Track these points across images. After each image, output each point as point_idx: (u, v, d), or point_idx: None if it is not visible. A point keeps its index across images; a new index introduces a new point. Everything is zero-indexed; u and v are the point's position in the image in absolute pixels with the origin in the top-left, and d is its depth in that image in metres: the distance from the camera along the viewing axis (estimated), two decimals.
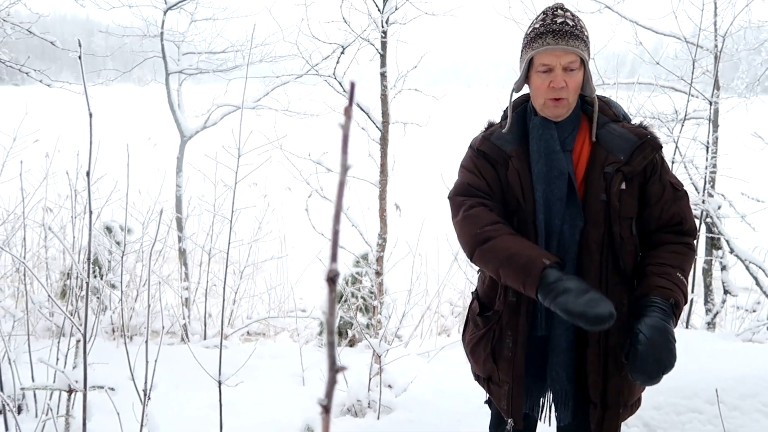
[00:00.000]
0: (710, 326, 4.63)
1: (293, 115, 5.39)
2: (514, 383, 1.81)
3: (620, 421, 1.78)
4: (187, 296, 5.14)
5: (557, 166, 1.71)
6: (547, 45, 1.66)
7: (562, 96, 1.68)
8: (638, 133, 1.71)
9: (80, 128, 11.74)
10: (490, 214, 1.72)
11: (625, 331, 1.67)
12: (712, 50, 4.80)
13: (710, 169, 4.63)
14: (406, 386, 3.44)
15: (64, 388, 2.04)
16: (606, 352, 1.71)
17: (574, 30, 1.67)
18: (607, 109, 1.77)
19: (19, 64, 3.82)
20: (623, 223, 1.70)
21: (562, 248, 1.72)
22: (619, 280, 1.71)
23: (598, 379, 1.71)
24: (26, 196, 3.64)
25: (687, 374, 2.67)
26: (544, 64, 1.68)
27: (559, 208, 1.71)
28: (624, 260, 1.71)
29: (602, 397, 1.72)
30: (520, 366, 1.79)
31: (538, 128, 1.75)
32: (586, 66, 1.70)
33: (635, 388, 1.77)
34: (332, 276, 0.47)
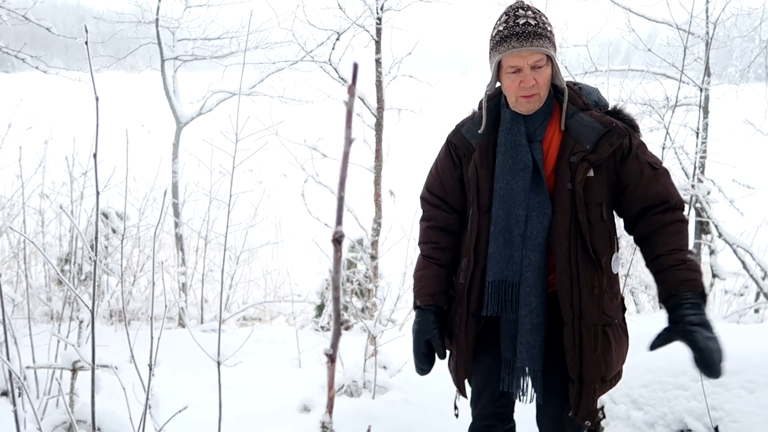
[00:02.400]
0: None
1: (288, 101, 5.41)
2: (459, 357, 1.93)
3: (597, 395, 1.84)
4: (184, 281, 5.18)
5: (522, 159, 1.79)
6: (513, 48, 1.72)
7: (533, 92, 1.76)
8: (604, 122, 1.76)
9: (73, 115, 11.73)
10: (430, 233, 2.00)
11: (598, 311, 1.77)
12: (704, 37, 4.85)
13: (700, 154, 4.69)
14: (400, 367, 3.51)
15: (68, 366, 2.09)
16: (581, 331, 1.78)
17: (536, 29, 1.73)
18: (577, 98, 1.81)
19: (15, 51, 3.83)
20: (592, 209, 1.76)
21: (530, 236, 1.79)
22: (589, 263, 1.77)
23: (573, 356, 1.79)
24: (24, 183, 3.67)
25: (674, 353, 2.74)
26: (512, 66, 1.74)
27: (523, 199, 1.79)
28: (594, 245, 1.77)
29: (579, 373, 1.80)
30: (464, 342, 1.90)
31: (508, 122, 1.83)
32: (553, 60, 1.77)
33: (612, 363, 1.84)
34: (337, 237, 0.52)
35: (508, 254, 1.82)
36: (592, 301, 1.77)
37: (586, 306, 1.77)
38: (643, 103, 4.84)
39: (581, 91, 1.85)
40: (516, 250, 1.81)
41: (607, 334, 1.80)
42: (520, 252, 1.81)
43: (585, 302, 1.77)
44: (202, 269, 5.24)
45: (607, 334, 1.80)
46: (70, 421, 2.11)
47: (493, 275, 1.84)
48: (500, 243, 1.82)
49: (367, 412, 3.10)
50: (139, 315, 4.97)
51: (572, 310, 1.77)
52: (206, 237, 5.20)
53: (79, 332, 2.27)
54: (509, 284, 1.83)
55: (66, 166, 4.20)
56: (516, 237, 1.80)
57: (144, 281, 5.34)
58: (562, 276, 1.77)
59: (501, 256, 1.82)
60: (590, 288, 1.77)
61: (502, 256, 1.82)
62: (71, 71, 4.80)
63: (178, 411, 1.62)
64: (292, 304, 4.94)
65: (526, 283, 1.80)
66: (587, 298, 1.77)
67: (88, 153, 4.32)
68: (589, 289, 1.77)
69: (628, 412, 2.68)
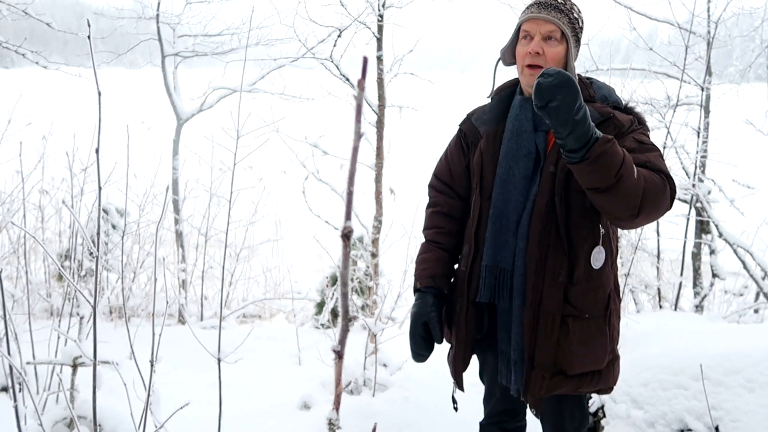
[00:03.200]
0: (698, 309, 4.72)
1: (289, 98, 5.40)
2: (458, 347, 1.92)
3: (554, 388, 1.79)
4: (184, 278, 5.18)
5: (525, 145, 1.79)
6: (530, 13, 1.76)
7: (538, 63, 1.75)
8: (603, 112, 1.75)
9: (72, 111, 11.74)
10: (435, 218, 2.01)
11: (559, 299, 1.74)
12: (705, 36, 4.85)
13: (701, 154, 4.69)
14: (401, 365, 3.51)
15: (68, 362, 2.08)
16: (538, 315, 1.75)
17: (560, 6, 1.76)
18: (584, 89, 1.80)
19: (16, 46, 3.82)
20: (574, 195, 1.73)
21: (522, 224, 1.78)
22: (560, 249, 1.74)
23: (527, 340, 1.77)
24: (23, 178, 3.66)
25: (674, 352, 2.75)
26: (525, 31, 1.77)
27: (524, 185, 1.79)
28: (570, 230, 1.74)
29: (531, 357, 1.77)
30: (463, 331, 1.89)
31: (516, 108, 1.84)
32: (569, 42, 1.76)
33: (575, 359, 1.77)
34: (347, 232, 0.52)
35: (503, 240, 1.81)
36: (554, 287, 1.74)
37: (548, 292, 1.74)
38: (645, 103, 4.83)
39: (591, 84, 1.85)
40: (510, 236, 1.80)
41: (567, 325, 1.76)
42: (514, 239, 1.80)
43: (547, 288, 1.74)
44: (202, 266, 5.24)
45: (568, 326, 1.76)
46: (71, 416, 2.11)
47: (486, 260, 1.83)
48: (497, 228, 1.82)
49: (367, 409, 3.10)
50: (138, 312, 4.97)
51: (533, 294, 1.75)
52: (206, 234, 5.20)
53: (80, 328, 2.26)
54: (501, 270, 1.82)
55: (66, 162, 4.19)
56: (512, 223, 1.80)
57: (144, 278, 5.34)
58: (531, 258, 1.75)
59: (496, 241, 1.82)
60: (555, 274, 1.74)
61: (497, 241, 1.82)
62: (71, 67, 4.78)
63: (180, 407, 1.62)
64: (293, 302, 4.94)
65: (517, 272, 1.79)
66: (550, 284, 1.74)
67: (87, 149, 4.32)
68: (554, 275, 1.74)
69: (628, 410, 2.68)
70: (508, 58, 1.89)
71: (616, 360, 1.91)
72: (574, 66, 1.80)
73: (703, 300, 4.74)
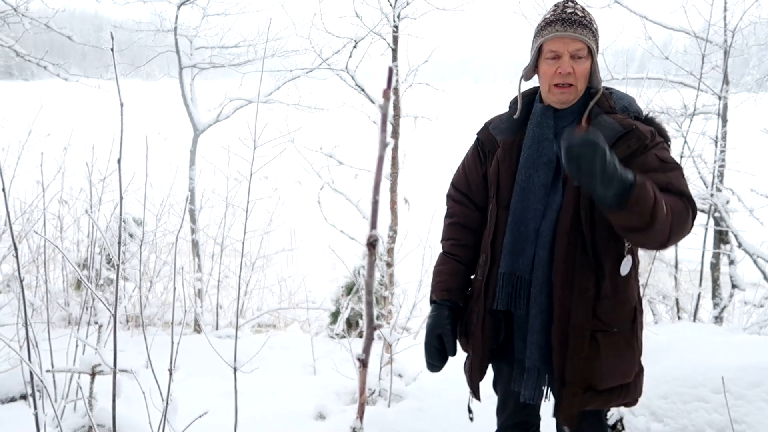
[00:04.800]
0: (718, 320, 4.66)
1: (304, 109, 5.44)
2: (474, 356, 1.91)
3: (584, 404, 1.78)
4: (200, 287, 5.21)
5: (546, 153, 1.78)
6: (556, 32, 1.73)
7: (569, 82, 1.74)
8: (625, 124, 1.73)
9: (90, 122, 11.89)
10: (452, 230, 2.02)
11: (588, 314, 1.73)
12: (722, 45, 4.81)
13: (719, 163, 4.64)
14: (416, 375, 3.49)
15: (87, 371, 2.10)
16: (567, 332, 1.74)
17: (582, 20, 1.75)
18: (604, 101, 1.79)
19: (38, 59, 3.89)
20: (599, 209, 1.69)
21: (542, 233, 1.77)
22: (586, 263, 1.73)
23: (557, 357, 1.76)
24: (44, 189, 3.71)
25: (693, 364, 2.71)
26: (552, 51, 1.75)
27: (543, 194, 1.78)
28: (596, 245, 1.73)
29: (561, 374, 1.76)
30: (480, 341, 1.88)
31: (537, 116, 1.83)
32: (594, 57, 1.75)
33: (604, 374, 1.76)
34: (372, 241, 0.52)
35: (521, 248, 1.80)
36: (583, 303, 1.73)
37: (576, 307, 1.73)
38: (661, 112, 4.80)
39: (611, 96, 1.83)
40: (529, 244, 1.79)
41: (597, 340, 1.74)
42: (533, 247, 1.78)
43: (575, 303, 1.73)
44: (217, 275, 5.27)
45: (598, 341, 1.74)
46: (90, 425, 2.12)
47: (504, 267, 1.82)
48: (515, 236, 1.80)
49: (382, 420, 3.09)
50: (154, 320, 5.00)
51: (561, 310, 1.73)
52: (222, 243, 5.23)
53: (98, 336, 2.28)
54: (519, 279, 1.81)
55: (85, 173, 4.24)
56: (531, 231, 1.78)
57: (160, 287, 5.38)
58: (557, 274, 1.74)
59: (514, 249, 1.81)
60: (583, 289, 1.73)
61: (515, 248, 1.80)
62: (91, 79, 4.86)
63: (198, 416, 1.62)
64: (307, 311, 4.95)
65: (535, 281, 1.78)
66: (578, 300, 1.73)
67: (106, 160, 4.38)
68: (582, 290, 1.73)
69: (648, 424, 2.64)
70: (528, 75, 1.87)
71: (642, 372, 1.89)
72: (600, 80, 1.79)
73: (723, 311, 4.67)
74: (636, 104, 1.84)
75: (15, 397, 3.22)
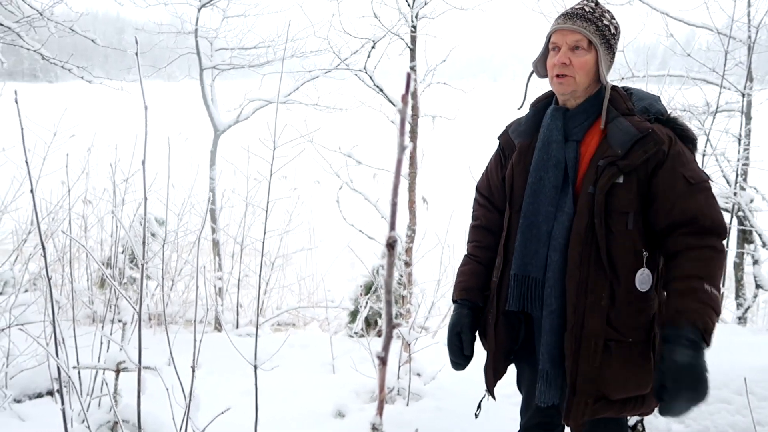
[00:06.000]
0: (741, 321, 4.59)
1: (323, 109, 5.48)
2: (489, 356, 1.93)
3: (596, 413, 1.75)
4: (221, 286, 5.27)
5: (555, 155, 1.78)
6: (558, 25, 1.77)
7: (565, 73, 1.75)
8: (641, 128, 1.70)
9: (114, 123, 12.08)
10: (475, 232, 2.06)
11: (602, 322, 1.70)
12: (746, 41, 4.74)
13: (742, 161, 4.57)
14: (434, 375, 3.50)
15: (112, 367, 2.15)
16: (580, 339, 1.72)
17: (588, 14, 1.76)
18: (621, 103, 1.77)
19: (63, 62, 3.98)
20: (615, 217, 1.69)
21: (554, 235, 1.76)
22: (601, 272, 1.70)
23: (569, 363, 1.74)
24: (69, 189, 3.79)
25: (716, 366, 2.67)
26: (553, 43, 1.79)
27: (554, 196, 1.77)
28: (612, 254, 1.70)
29: (573, 382, 1.74)
30: (493, 341, 1.89)
31: (548, 117, 1.83)
32: (598, 50, 1.74)
33: (618, 384, 1.74)
34: (391, 242, 0.53)
35: (533, 249, 1.80)
36: (597, 311, 1.70)
37: (590, 315, 1.70)
38: (683, 110, 4.75)
39: (631, 97, 1.81)
40: (542, 246, 1.78)
41: (610, 349, 1.71)
42: (546, 249, 1.78)
43: (589, 311, 1.70)
44: (237, 274, 5.33)
45: (611, 350, 1.71)
46: (116, 420, 2.17)
47: (515, 269, 1.82)
48: (527, 237, 1.80)
49: (400, 419, 3.10)
50: (176, 319, 5.08)
51: (575, 317, 1.72)
52: (242, 242, 5.29)
53: (123, 334, 2.33)
54: (532, 280, 1.80)
55: (109, 173, 4.32)
56: (543, 233, 1.78)
57: (181, 285, 5.46)
58: (571, 281, 1.72)
59: (526, 251, 1.81)
60: (598, 297, 1.70)
61: (527, 250, 1.80)
62: (114, 81, 4.95)
63: (221, 413, 1.65)
64: (326, 310, 4.98)
65: (548, 283, 1.77)
66: (592, 308, 1.70)
67: (128, 160, 4.45)
68: (597, 298, 1.70)
69: (669, 425, 2.62)
70: (541, 70, 1.88)
71: None
72: (606, 73, 1.77)
73: (747, 312, 4.60)
74: (659, 104, 1.81)
75: (42, 393, 3.29)
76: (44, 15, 3.73)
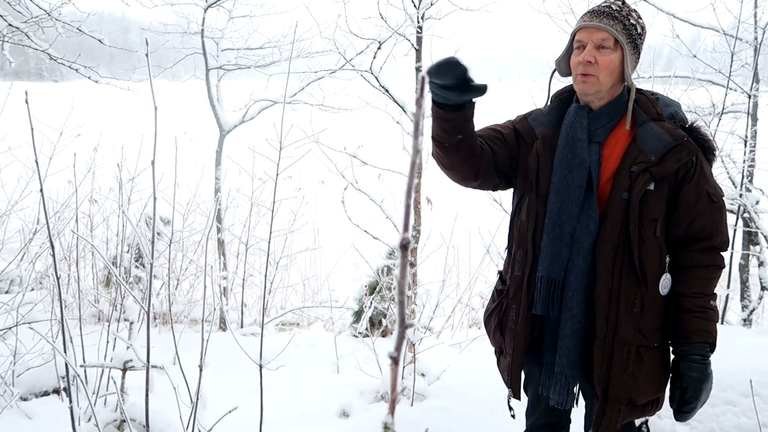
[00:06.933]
0: (746, 322, 4.58)
1: (328, 109, 5.48)
2: (515, 354, 1.88)
3: (624, 419, 1.77)
4: (225, 286, 5.29)
5: (579, 154, 1.75)
6: (584, 23, 1.74)
7: (590, 72, 1.72)
8: (675, 135, 1.70)
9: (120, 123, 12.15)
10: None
11: (635, 330, 1.71)
12: (752, 42, 4.72)
13: (748, 163, 4.56)
14: (439, 375, 3.51)
15: (119, 366, 2.16)
16: (612, 347, 1.72)
17: (615, 12, 1.73)
18: (651, 107, 1.76)
19: (70, 62, 4.00)
20: (646, 224, 1.70)
21: (577, 238, 1.75)
22: (633, 278, 1.71)
23: (601, 372, 1.73)
24: (76, 188, 3.81)
25: (722, 367, 2.67)
26: (578, 41, 1.76)
27: (579, 195, 1.75)
28: (642, 260, 1.71)
29: (604, 390, 1.74)
30: (521, 339, 1.86)
31: (571, 115, 1.80)
32: (624, 49, 1.72)
33: (644, 388, 1.76)
34: (405, 243, 0.54)
35: (557, 250, 1.78)
36: (630, 318, 1.71)
37: (623, 322, 1.71)
38: (688, 111, 4.74)
39: (658, 102, 1.79)
40: (564, 247, 1.77)
41: (641, 355, 1.73)
42: (568, 251, 1.76)
43: (622, 318, 1.71)
44: (242, 274, 5.34)
45: (642, 356, 1.73)
46: (122, 418, 2.18)
47: (542, 271, 1.80)
48: (552, 238, 1.78)
49: (405, 419, 3.11)
50: (181, 318, 5.09)
51: (607, 324, 1.71)
52: (247, 242, 5.30)
53: (129, 333, 2.34)
54: (553, 281, 1.79)
55: (115, 173, 4.34)
56: (566, 234, 1.76)
57: (186, 285, 5.47)
58: (602, 287, 1.71)
59: (551, 251, 1.78)
60: (630, 304, 1.71)
61: (552, 251, 1.78)
62: (121, 81, 4.97)
63: (228, 411, 1.66)
64: (331, 310, 4.99)
65: (569, 287, 1.75)
66: (625, 315, 1.71)
67: (134, 160, 4.46)
68: (629, 305, 1.71)
69: (674, 427, 2.62)
70: (563, 69, 1.85)
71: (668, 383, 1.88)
72: (630, 74, 1.76)
73: (752, 313, 4.58)
74: (682, 112, 1.80)
75: (48, 392, 3.31)
76: (52, 15, 3.75)
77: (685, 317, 1.73)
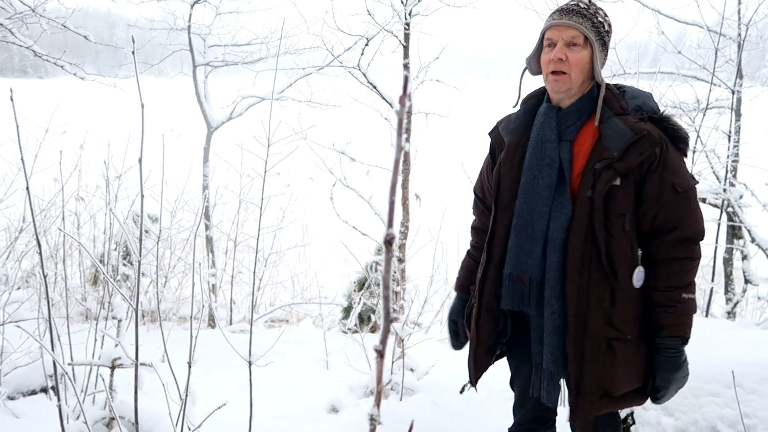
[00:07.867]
0: (730, 316, 4.64)
1: (316, 106, 5.48)
2: (476, 348, 1.95)
3: (600, 410, 1.79)
4: (214, 283, 5.28)
5: (549, 154, 1.77)
6: (553, 20, 1.76)
7: (561, 69, 1.74)
8: (636, 129, 1.70)
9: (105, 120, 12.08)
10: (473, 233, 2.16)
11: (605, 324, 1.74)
12: (736, 39, 4.78)
13: (732, 158, 4.62)
14: (427, 370, 3.53)
15: (107, 364, 2.16)
16: (582, 341, 1.74)
17: (583, 10, 1.75)
18: (614, 102, 1.76)
19: (55, 58, 3.96)
20: (614, 219, 1.71)
21: (551, 236, 1.77)
22: (602, 274, 1.72)
23: (573, 366, 1.76)
24: (63, 186, 3.78)
25: (706, 359, 2.71)
26: (548, 39, 1.78)
27: (548, 195, 1.77)
28: (612, 256, 1.72)
29: (577, 383, 1.76)
30: (474, 335, 1.95)
31: (541, 116, 1.82)
32: (593, 46, 1.74)
33: (619, 380, 1.77)
34: (389, 239, 0.55)
35: (528, 249, 1.80)
36: (600, 312, 1.73)
37: (593, 317, 1.73)
38: (674, 106, 4.79)
39: (623, 95, 1.80)
40: (537, 246, 1.79)
41: (613, 348, 1.75)
42: (541, 249, 1.79)
43: (592, 313, 1.73)
44: (231, 271, 5.33)
45: (613, 349, 1.75)
46: (111, 416, 2.18)
47: (509, 268, 1.84)
48: (522, 237, 1.81)
49: (394, 414, 3.12)
50: (169, 316, 5.08)
51: (576, 319, 1.73)
52: (236, 239, 5.29)
53: (117, 331, 2.34)
54: (529, 279, 1.81)
55: (101, 170, 4.31)
56: (538, 233, 1.78)
57: (174, 282, 5.45)
58: (571, 284, 1.73)
59: (521, 251, 1.81)
60: (600, 299, 1.73)
61: (522, 250, 1.81)
62: (107, 78, 4.93)
63: (217, 408, 1.67)
64: (320, 306, 5.00)
65: (548, 284, 1.77)
66: (595, 310, 1.73)
67: (121, 157, 4.43)
68: (599, 300, 1.73)
69: (659, 418, 2.66)
70: (534, 67, 1.87)
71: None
72: (600, 71, 1.78)
73: (736, 306, 4.65)
74: (651, 102, 1.80)
75: (36, 390, 3.29)
76: (36, 11, 3.71)
77: (656, 311, 1.75)
